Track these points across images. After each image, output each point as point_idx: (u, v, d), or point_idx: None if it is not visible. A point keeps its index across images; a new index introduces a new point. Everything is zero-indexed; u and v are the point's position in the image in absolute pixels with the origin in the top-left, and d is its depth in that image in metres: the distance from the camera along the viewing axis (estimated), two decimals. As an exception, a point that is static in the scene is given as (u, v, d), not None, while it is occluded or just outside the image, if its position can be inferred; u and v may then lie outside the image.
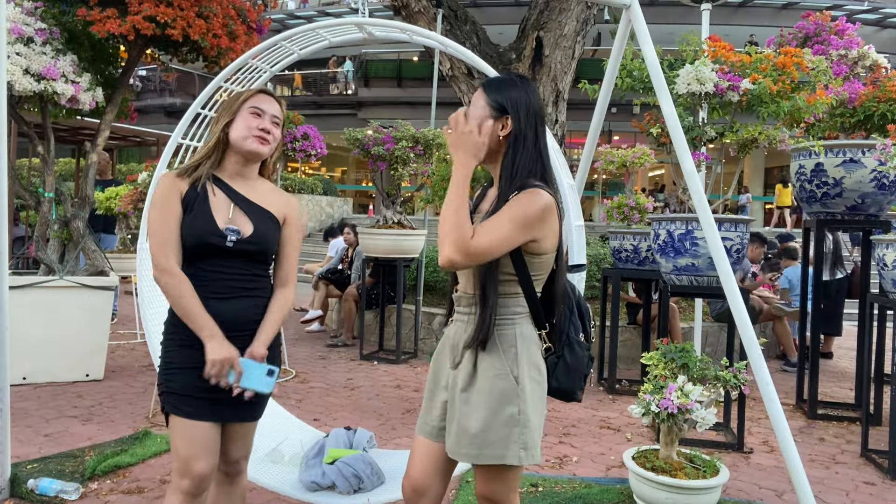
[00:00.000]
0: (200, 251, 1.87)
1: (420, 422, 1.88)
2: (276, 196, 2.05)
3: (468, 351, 1.73)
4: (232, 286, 1.91)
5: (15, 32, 4.27)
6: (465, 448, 1.70)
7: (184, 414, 1.86)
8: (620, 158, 5.31)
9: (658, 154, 5.49)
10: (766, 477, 3.45)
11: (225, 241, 1.87)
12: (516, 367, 1.69)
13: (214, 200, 1.91)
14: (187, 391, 1.86)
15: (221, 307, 1.87)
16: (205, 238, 1.86)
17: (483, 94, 1.76)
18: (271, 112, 1.97)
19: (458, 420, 1.72)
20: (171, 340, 1.92)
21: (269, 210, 1.98)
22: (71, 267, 4.93)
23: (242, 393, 1.85)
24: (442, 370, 1.85)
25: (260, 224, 1.94)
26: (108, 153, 9.63)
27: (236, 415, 1.94)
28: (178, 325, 1.87)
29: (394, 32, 3.29)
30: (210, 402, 1.86)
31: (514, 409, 1.68)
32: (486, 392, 1.68)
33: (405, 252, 5.80)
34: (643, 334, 5.50)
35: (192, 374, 1.85)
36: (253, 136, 1.93)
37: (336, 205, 17.76)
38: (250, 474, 2.69)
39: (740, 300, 2.81)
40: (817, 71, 3.99)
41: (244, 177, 1.99)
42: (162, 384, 1.91)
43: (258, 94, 1.99)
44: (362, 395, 4.79)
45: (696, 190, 2.90)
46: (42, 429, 3.73)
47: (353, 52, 22.59)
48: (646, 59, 2.99)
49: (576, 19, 6.88)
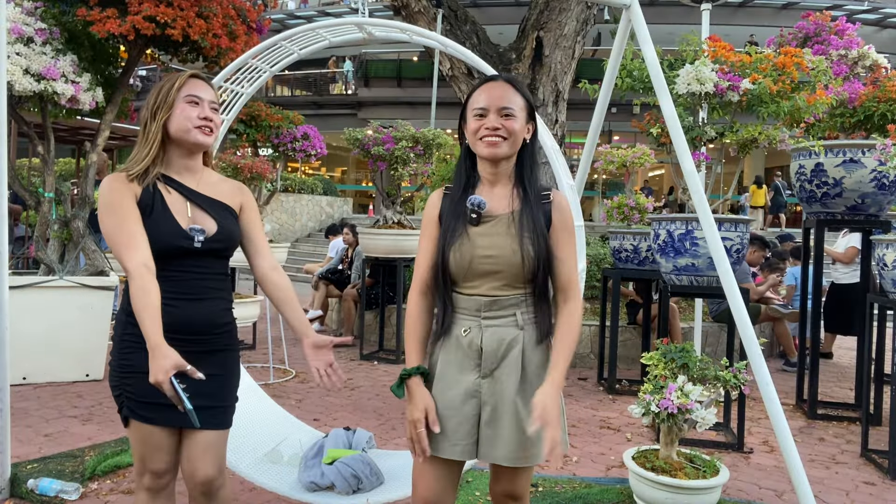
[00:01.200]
0: (168, 255, 1.78)
1: (444, 445, 1.70)
2: (227, 185, 1.97)
3: (511, 354, 1.69)
4: (204, 286, 1.84)
5: (15, 32, 4.27)
6: (530, 450, 1.67)
7: (144, 420, 1.79)
8: (620, 158, 5.31)
9: (658, 154, 5.49)
10: (766, 477, 3.45)
11: (193, 243, 1.80)
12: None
13: (171, 200, 1.82)
14: (146, 397, 1.75)
15: (195, 308, 1.81)
16: (172, 242, 1.78)
17: (518, 93, 1.72)
18: (208, 98, 1.85)
19: (515, 425, 1.66)
20: (129, 342, 1.79)
21: (224, 202, 1.91)
22: (71, 267, 4.93)
23: (207, 398, 1.78)
24: (458, 385, 1.72)
25: (222, 220, 1.87)
26: (108, 153, 9.64)
27: (202, 419, 1.77)
28: (136, 323, 1.72)
29: (394, 32, 3.28)
30: (171, 407, 1.70)
31: (562, 400, 1.73)
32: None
33: (405, 252, 5.80)
34: (643, 334, 5.50)
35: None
36: (195, 127, 1.81)
37: (336, 205, 17.77)
38: (250, 474, 2.70)
39: (740, 300, 2.81)
40: (817, 71, 3.99)
41: (191, 170, 1.89)
42: (117, 387, 1.81)
43: (190, 79, 1.85)
44: (362, 395, 4.79)
45: (696, 190, 2.90)
46: (42, 429, 3.73)
47: (353, 52, 22.60)
48: (646, 59, 2.99)
49: (576, 19, 6.88)
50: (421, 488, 1.76)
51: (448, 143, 5.84)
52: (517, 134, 1.70)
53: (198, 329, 1.82)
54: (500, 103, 1.68)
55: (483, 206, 1.71)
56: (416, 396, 1.73)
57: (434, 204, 1.81)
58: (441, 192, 1.83)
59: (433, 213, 1.80)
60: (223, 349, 1.90)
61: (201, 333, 1.83)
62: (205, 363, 1.79)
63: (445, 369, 1.75)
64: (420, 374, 1.76)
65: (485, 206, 1.71)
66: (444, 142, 5.78)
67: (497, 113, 1.68)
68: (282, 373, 5.34)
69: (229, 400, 1.93)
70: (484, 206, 1.71)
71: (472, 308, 1.72)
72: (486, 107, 1.69)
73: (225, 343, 1.90)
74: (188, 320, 1.80)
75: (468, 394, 1.71)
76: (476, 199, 1.71)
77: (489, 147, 1.69)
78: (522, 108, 1.72)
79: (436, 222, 1.78)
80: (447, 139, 5.85)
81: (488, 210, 1.72)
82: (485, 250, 1.69)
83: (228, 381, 1.92)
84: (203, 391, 1.79)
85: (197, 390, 1.75)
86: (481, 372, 1.71)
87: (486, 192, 1.76)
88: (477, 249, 1.70)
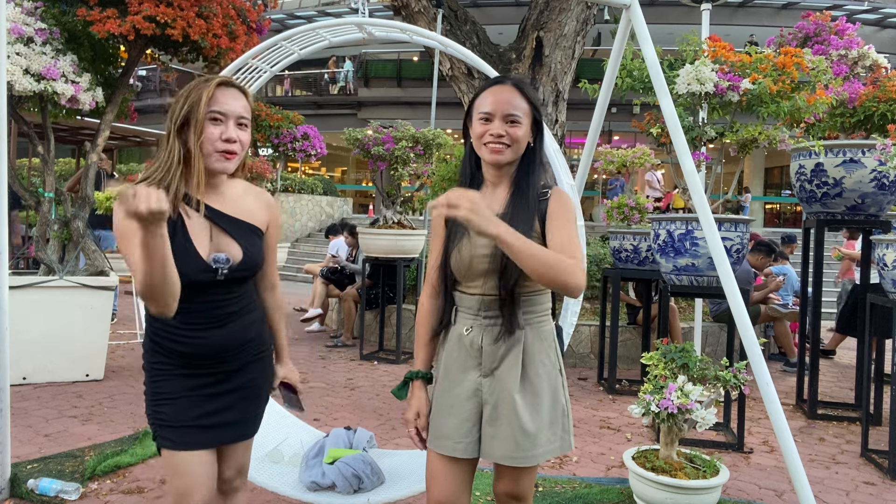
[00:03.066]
0: (188, 289, 1.60)
1: (446, 442, 1.73)
2: (254, 200, 1.80)
3: (512, 352, 1.69)
4: (226, 312, 1.73)
5: (15, 32, 4.27)
6: (528, 451, 1.66)
7: (181, 446, 1.69)
8: (620, 158, 5.31)
9: (658, 154, 5.49)
10: (766, 477, 3.45)
11: (215, 276, 1.65)
12: (558, 360, 1.77)
13: (192, 226, 1.65)
14: (182, 421, 1.69)
15: (216, 336, 1.71)
16: (192, 277, 1.61)
17: (523, 97, 1.72)
18: (236, 113, 1.64)
19: (513, 424, 1.67)
20: (159, 370, 1.72)
21: (251, 222, 1.76)
22: (71, 267, 4.93)
23: (240, 411, 1.79)
24: (460, 383, 1.73)
25: (248, 245, 1.72)
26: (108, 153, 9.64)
27: (235, 434, 1.80)
28: (164, 351, 1.70)
29: (394, 32, 3.29)
30: (207, 427, 1.72)
31: (563, 400, 1.75)
32: (543, 389, 1.70)
33: (405, 252, 5.80)
34: (643, 334, 5.50)
35: (185, 402, 1.70)
36: (216, 151, 1.62)
37: (336, 205, 17.77)
38: (251, 474, 2.69)
39: (740, 300, 2.82)
40: (817, 71, 3.99)
41: (214, 186, 1.71)
42: (152, 415, 1.72)
43: (218, 89, 1.63)
44: (362, 395, 4.79)
45: (696, 190, 2.90)
46: (42, 429, 3.73)
47: (353, 52, 22.59)
48: (646, 59, 2.99)
49: (576, 19, 6.89)
50: (434, 490, 1.76)
51: (448, 143, 5.84)
52: (521, 141, 1.71)
53: (224, 353, 1.74)
54: (506, 109, 1.68)
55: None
56: (412, 399, 1.82)
57: None
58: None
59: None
60: (253, 360, 1.82)
61: (230, 352, 1.75)
62: (234, 379, 1.77)
63: (449, 368, 1.77)
64: (422, 378, 1.82)
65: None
66: (444, 142, 5.78)
67: (502, 119, 1.68)
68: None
69: (258, 408, 1.87)
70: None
71: (474, 307, 1.73)
72: (491, 112, 1.69)
73: (255, 353, 1.82)
74: (215, 347, 1.72)
75: (470, 392, 1.72)
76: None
77: (493, 154, 1.70)
78: (528, 114, 1.72)
79: (443, 224, 1.80)
80: (447, 139, 5.85)
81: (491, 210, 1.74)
82: (483, 249, 1.70)
83: (256, 390, 1.84)
84: (229, 406, 1.77)
85: (222, 407, 1.76)
86: (482, 371, 1.72)
87: (489, 193, 1.77)
88: (476, 249, 1.71)
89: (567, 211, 1.70)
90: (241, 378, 1.79)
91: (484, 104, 1.71)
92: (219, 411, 1.74)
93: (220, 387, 1.75)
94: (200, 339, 1.69)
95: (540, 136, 1.77)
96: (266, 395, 1.91)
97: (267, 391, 1.91)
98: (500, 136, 1.67)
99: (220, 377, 1.75)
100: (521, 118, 1.69)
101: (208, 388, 1.74)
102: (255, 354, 1.82)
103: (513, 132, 1.68)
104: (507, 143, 1.69)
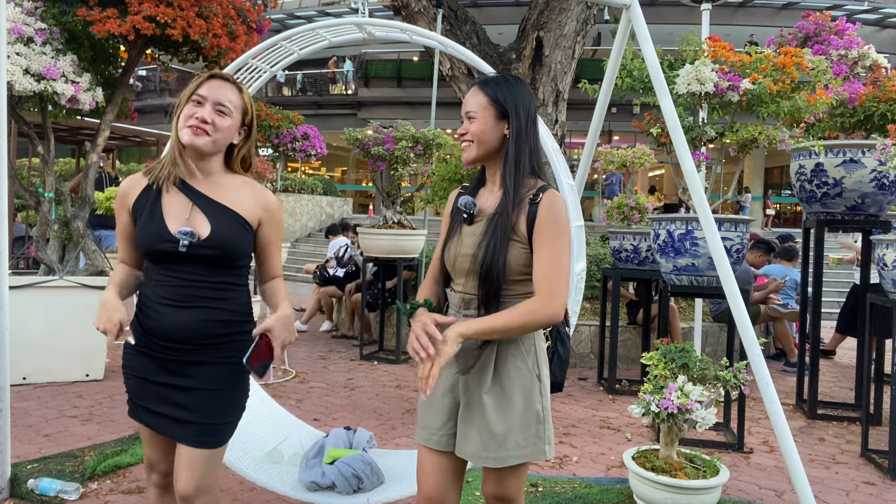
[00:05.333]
0: (153, 257, 1.76)
1: (423, 433, 1.79)
2: (249, 194, 1.83)
3: (486, 352, 1.70)
4: (189, 294, 1.75)
5: (15, 32, 4.27)
6: (493, 452, 1.66)
7: (141, 421, 1.84)
8: (620, 158, 5.31)
9: (658, 154, 5.49)
10: (766, 477, 3.45)
11: (177, 246, 1.71)
12: (537, 365, 1.73)
13: (170, 201, 1.76)
14: (140, 399, 1.82)
15: (175, 316, 1.74)
16: (155, 245, 1.73)
17: (481, 92, 1.73)
18: (214, 98, 1.74)
19: (481, 424, 1.68)
20: (128, 348, 1.84)
21: (236, 210, 1.78)
22: (71, 267, 4.93)
23: (197, 414, 1.77)
24: (441, 378, 1.76)
25: (219, 225, 1.75)
26: (108, 153, 9.65)
27: (186, 435, 1.77)
28: (138, 326, 1.81)
29: (394, 32, 3.29)
30: (156, 414, 1.79)
31: (538, 406, 1.71)
32: (514, 392, 1.69)
33: (405, 252, 5.80)
34: (643, 334, 5.50)
35: (143, 383, 1.80)
36: (187, 126, 1.72)
37: (336, 205, 17.78)
38: (251, 474, 2.70)
39: (740, 300, 2.82)
40: (817, 71, 3.99)
41: (205, 172, 1.80)
42: (125, 385, 1.87)
43: (208, 80, 1.76)
44: (362, 395, 4.79)
45: (696, 190, 2.90)
46: (42, 429, 3.73)
47: (353, 52, 22.60)
48: (646, 59, 2.99)
49: (576, 19, 6.88)
50: (423, 485, 1.78)
51: (448, 143, 5.84)
52: (479, 135, 1.72)
53: (182, 337, 1.74)
54: (465, 107, 1.75)
55: (470, 206, 1.75)
56: (418, 316, 1.68)
57: (449, 201, 1.89)
58: (458, 190, 1.89)
59: (447, 210, 1.89)
60: (214, 362, 1.78)
61: (186, 342, 1.75)
62: (188, 374, 1.77)
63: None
64: (425, 306, 1.75)
65: (472, 207, 1.75)
66: (444, 142, 5.78)
67: (465, 117, 1.74)
68: (282, 373, 5.34)
69: (217, 418, 1.79)
70: (472, 207, 1.75)
71: (458, 304, 1.77)
72: (462, 112, 1.76)
73: (218, 356, 1.78)
74: (172, 327, 1.74)
75: (447, 388, 1.77)
76: (465, 199, 1.76)
77: (463, 152, 1.77)
78: (486, 107, 1.71)
79: (448, 220, 1.86)
80: (447, 139, 5.85)
81: (482, 210, 1.76)
82: (466, 249, 1.73)
83: (218, 397, 1.79)
84: (183, 404, 1.76)
85: (177, 402, 1.77)
86: (459, 367, 1.74)
87: (488, 192, 1.80)
88: (462, 248, 1.74)
89: (556, 225, 1.66)
90: (204, 380, 1.77)
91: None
92: (172, 404, 1.77)
93: (178, 380, 1.77)
94: (162, 315, 1.75)
95: (514, 129, 1.71)
96: (228, 412, 1.82)
97: (230, 408, 1.83)
98: (462, 134, 1.75)
99: (178, 366, 1.77)
100: (476, 112, 1.72)
101: (165, 374, 1.78)
102: (220, 358, 1.78)
103: (471, 128, 1.73)
104: (469, 140, 1.74)
